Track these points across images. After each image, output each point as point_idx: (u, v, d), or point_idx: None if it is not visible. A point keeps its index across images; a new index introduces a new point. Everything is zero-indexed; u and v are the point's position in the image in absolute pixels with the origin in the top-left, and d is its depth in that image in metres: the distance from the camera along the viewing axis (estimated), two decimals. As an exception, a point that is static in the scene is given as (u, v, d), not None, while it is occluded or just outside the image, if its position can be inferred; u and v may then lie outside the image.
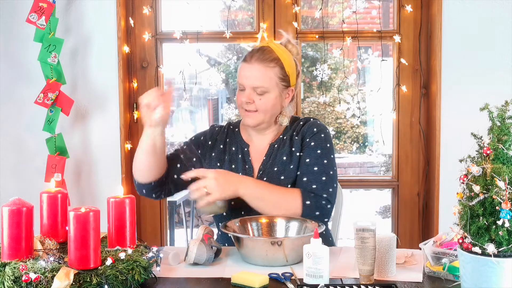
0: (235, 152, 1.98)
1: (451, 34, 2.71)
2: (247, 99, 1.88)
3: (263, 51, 1.90)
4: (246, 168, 1.94)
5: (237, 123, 2.07)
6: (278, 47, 1.93)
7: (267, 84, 1.86)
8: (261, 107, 1.88)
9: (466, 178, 1.23)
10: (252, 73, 1.87)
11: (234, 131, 2.04)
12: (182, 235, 5.25)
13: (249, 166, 1.94)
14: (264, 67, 1.86)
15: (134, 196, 1.53)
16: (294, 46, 1.98)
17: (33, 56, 2.60)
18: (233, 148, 1.99)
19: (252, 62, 1.88)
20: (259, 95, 1.87)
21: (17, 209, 1.38)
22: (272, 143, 1.96)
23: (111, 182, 2.73)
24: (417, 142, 2.88)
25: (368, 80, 6.12)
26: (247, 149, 1.98)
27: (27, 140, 2.76)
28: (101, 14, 2.73)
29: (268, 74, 1.87)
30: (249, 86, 1.87)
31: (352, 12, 2.82)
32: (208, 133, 2.04)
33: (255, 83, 1.86)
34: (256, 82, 1.86)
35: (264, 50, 1.90)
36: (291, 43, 1.98)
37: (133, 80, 2.85)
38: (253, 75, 1.87)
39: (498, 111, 1.23)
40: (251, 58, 1.89)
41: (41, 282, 1.27)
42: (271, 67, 1.87)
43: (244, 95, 1.89)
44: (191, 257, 1.58)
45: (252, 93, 1.87)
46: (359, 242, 1.45)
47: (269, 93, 1.87)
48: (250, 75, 1.87)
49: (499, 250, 1.17)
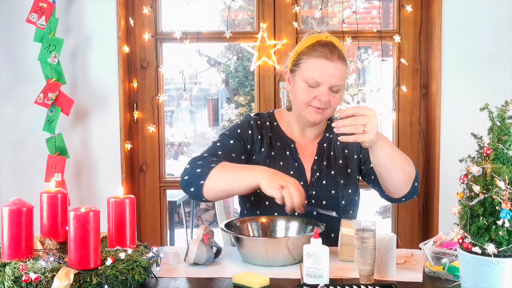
0: (282, 148, 1.91)
1: (451, 34, 2.71)
2: (327, 97, 1.79)
3: (337, 48, 1.82)
4: (296, 165, 1.88)
5: (271, 116, 1.98)
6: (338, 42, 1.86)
7: (343, 83, 1.82)
8: (335, 105, 1.82)
9: (466, 178, 1.23)
10: (336, 72, 1.79)
11: (273, 125, 1.95)
12: (182, 235, 5.25)
13: (299, 164, 1.89)
14: (344, 66, 1.81)
15: (134, 196, 1.53)
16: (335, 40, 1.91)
17: (33, 56, 2.60)
18: (278, 144, 1.91)
19: (335, 60, 1.79)
20: (334, 92, 1.80)
21: (17, 209, 1.38)
22: (320, 141, 1.92)
23: (111, 182, 2.73)
24: (417, 142, 2.88)
25: (368, 80, 6.11)
26: (294, 145, 1.92)
27: (27, 140, 2.76)
28: (101, 14, 2.73)
29: (345, 73, 1.82)
30: (331, 84, 1.79)
31: (352, 12, 2.82)
32: (254, 126, 1.91)
33: (337, 82, 1.79)
34: (338, 81, 1.80)
35: (335, 47, 1.82)
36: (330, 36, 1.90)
37: (133, 80, 2.85)
38: (337, 74, 1.79)
39: (498, 111, 1.23)
40: (332, 55, 1.79)
41: (41, 282, 1.27)
42: (346, 65, 1.83)
43: (323, 93, 1.79)
44: (191, 257, 1.58)
45: (328, 91, 1.79)
46: (359, 242, 1.45)
47: (341, 91, 1.83)
48: (334, 74, 1.79)
49: (499, 250, 1.17)
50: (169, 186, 2.96)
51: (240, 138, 1.88)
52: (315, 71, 1.79)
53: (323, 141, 1.92)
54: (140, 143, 2.89)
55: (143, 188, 2.91)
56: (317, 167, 1.89)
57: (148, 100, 2.87)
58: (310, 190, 1.85)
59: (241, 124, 1.92)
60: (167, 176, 2.97)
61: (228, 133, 1.89)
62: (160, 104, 2.88)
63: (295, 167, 1.88)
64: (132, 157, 2.88)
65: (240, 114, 6.24)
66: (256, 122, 1.92)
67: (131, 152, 2.87)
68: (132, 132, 2.87)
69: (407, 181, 1.72)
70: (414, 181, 1.75)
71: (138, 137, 2.89)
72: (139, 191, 2.90)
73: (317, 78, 1.79)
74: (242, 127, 1.91)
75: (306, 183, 1.87)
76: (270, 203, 1.84)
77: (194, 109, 6.87)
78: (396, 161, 1.68)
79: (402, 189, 1.74)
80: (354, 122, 1.56)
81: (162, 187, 2.92)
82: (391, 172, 1.70)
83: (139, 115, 2.87)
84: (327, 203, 1.85)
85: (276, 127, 1.94)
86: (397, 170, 1.69)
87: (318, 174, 1.87)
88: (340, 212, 1.85)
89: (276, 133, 1.93)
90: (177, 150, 6.29)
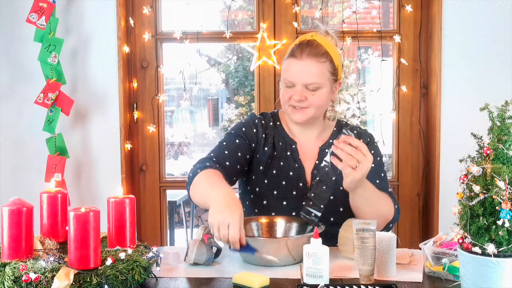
0: (283, 149, 1.90)
1: (451, 34, 2.70)
2: (300, 97, 1.78)
3: (312, 45, 1.80)
4: (296, 167, 1.88)
5: (275, 116, 1.98)
6: (324, 40, 1.83)
7: (320, 80, 1.78)
8: (314, 103, 1.80)
9: (466, 178, 1.23)
10: (304, 69, 1.78)
11: (276, 125, 1.95)
12: (182, 235, 5.25)
13: (299, 165, 1.89)
14: (316, 62, 1.78)
15: (134, 196, 1.53)
16: (334, 37, 1.88)
17: (33, 56, 2.60)
18: (280, 143, 1.91)
19: (303, 58, 1.78)
20: (312, 91, 1.79)
21: (17, 209, 1.38)
22: (322, 146, 1.91)
23: (111, 182, 2.73)
24: (417, 142, 2.88)
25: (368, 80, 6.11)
26: (295, 146, 1.91)
27: (27, 140, 2.76)
28: (101, 14, 2.73)
29: (321, 70, 1.78)
30: (302, 83, 1.78)
31: (352, 12, 2.82)
32: (259, 124, 1.92)
33: (308, 80, 1.78)
34: (310, 79, 1.78)
35: (312, 44, 1.80)
36: (330, 34, 1.88)
37: (133, 80, 2.85)
38: (306, 71, 1.78)
39: (498, 111, 1.23)
40: (301, 53, 1.79)
41: (41, 282, 1.27)
42: (322, 62, 1.79)
43: (296, 92, 1.79)
44: (191, 257, 1.58)
45: (304, 90, 1.78)
46: (359, 242, 1.45)
47: (322, 89, 1.80)
48: (302, 72, 1.78)
49: (499, 250, 1.17)
50: (169, 186, 2.96)
51: (246, 136, 1.89)
52: (287, 71, 1.82)
53: (326, 147, 1.91)
54: (140, 143, 2.89)
55: (143, 188, 2.91)
56: (317, 171, 1.88)
57: (148, 100, 2.87)
58: (309, 192, 1.85)
59: (246, 122, 1.93)
60: (167, 176, 2.97)
61: (234, 132, 1.90)
62: (160, 104, 2.88)
63: (295, 168, 1.88)
64: (132, 157, 2.88)
65: (240, 114, 6.23)
66: (261, 122, 1.93)
67: (131, 152, 2.87)
68: (132, 132, 2.87)
69: (381, 223, 1.76)
70: (390, 223, 1.80)
71: (138, 137, 2.89)
72: (139, 191, 2.90)
73: (289, 77, 1.81)
74: (247, 125, 1.91)
75: (305, 184, 1.88)
76: (268, 202, 1.86)
77: (194, 109, 6.86)
78: (374, 207, 1.73)
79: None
80: (352, 153, 1.59)
81: (162, 187, 2.92)
82: (366, 215, 1.73)
83: (139, 115, 2.86)
84: (325, 208, 1.84)
85: (279, 127, 1.95)
86: (373, 214, 1.71)
87: (318, 178, 1.87)
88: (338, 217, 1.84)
89: (279, 133, 1.93)
90: (177, 150, 6.28)
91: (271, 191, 1.87)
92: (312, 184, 1.87)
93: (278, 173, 1.88)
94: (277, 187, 1.87)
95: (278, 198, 1.86)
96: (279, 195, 1.86)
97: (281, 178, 1.87)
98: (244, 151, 1.86)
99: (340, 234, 1.67)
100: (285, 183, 1.87)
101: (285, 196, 1.86)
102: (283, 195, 1.86)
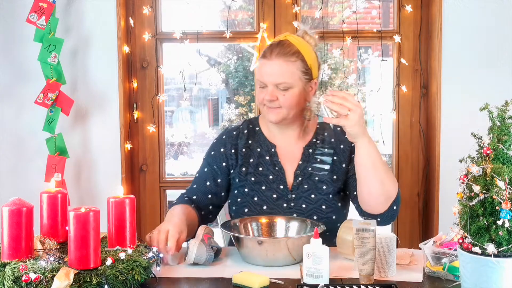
0: (261, 153, 1.91)
1: (451, 34, 2.70)
2: (271, 97, 1.79)
3: (282, 45, 1.81)
4: (276, 169, 1.88)
5: (255, 121, 1.99)
6: (296, 39, 1.84)
7: (290, 80, 1.79)
8: (285, 103, 1.80)
9: (466, 178, 1.23)
10: (273, 69, 1.79)
11: (255, 130, 1.96)
12: (182, 235, 5.24)
13: (279, 168, 1.88)
14: (285, 62, 1.78)
15: (134, 196, 1.53)
16: (312, 37, 1.89)
17: (33, 56, 2.60)
18: (258, 149, 1.92)
19: (272, 58, 1.79)
20: (282, 91, 1.79)
21: (17, 209, 1.38)
22: (306, 146, 1.90)
23: (111, 182, 2.73)
24: (417, 142, 2.88)
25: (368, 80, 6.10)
26: (274, 149, 1.91)
27: (27, 140, 2.76)
28: (101, 14, 2.73)
29: (290, 69, 1.79)
30: (272, 83, 1.79)
31: (352, 12, 2.82)
32: (227, 141, 1.94)
33: (277, 79, 1.78)
34: (279, 79, 1.78)
35: (283, 44, 1.82)
36: (308, 34, 1.88)
37: (133, 80, 2.85)
38: (275, 71, 1.79)
39: (498, 111, 1.23)
40: (271, 53, 1.80)
41: (41, 282, 1.27)
42: (292, 61, 1.79)
43: (267, 92, 1.80)
44: (191, 257, 1.58)
45: (275, 90, 1.79)
46: (359, 242, 1.45)
47: (293, 88, 1.80)
48: (271, 72, 1.79)
49: (499, 250, 1.17)
50: (169, 186, 2.96)
51: (214, 160, 1.94)
52: (258, 72, 1.85)
53: (309, 146, 1.90)
54: (140, 143, 2.89)
55: (143, 188, 2.91)
56: (300, 171, 1.87)
57: (148, 100, 2.87)
58: (290, 194, 1.85)
59: (215, 143, 1.98)
60: (167, 176, 2.97)
61: (205, 158, 1.97)
62: (160, 104, 2.87)
63: (275, 171, 1.88)
64: (132, 157, 2.88)
65: (240, 114, 6.24)
66: (230, 135, 1.96)
67: (131, 152, 2.87)
68: (132, 132, 2.87)
69: (384, 198, 1.71)
70: (394, 204, 1.73)
71: (138, 137, 2.89)
72: (139, 191, 2.90)
73: (260, 78, 1.83)
74: (215, 147, 1.96)
75: (286, 187, 1.87)
76: (249, 209, 1.87)
77: (194, 109, 6.86)
78: (377, 169, 1.68)
79: (378, 203, 1.72)
80: (342, 102, 1.59)
81: (162, 187, 2.92)
82: (368, 178, 1.69)
83: (139, 115, 2.86)
84: (306, 207, 1.84)
85: (258, 132, 1.95)
86: (376, 180, 1.68)
87: (301, 178, 1.87)
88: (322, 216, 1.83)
89: (256, 139, 1.94)
90: (177, 150, 6.28)
91: (252, 198, 1.87)
92: (293, 185, 1.87)
93: (257, 179, 1.88)
94: (257, 192, 1.87)
95: (258, 203, 1.86)
96: (259, 200, 1.86)
97: (260, 184, 1.88)
98: (214, 176, 1.92)
99: (338, 236, 1.66)
100: (265, 187, 1.87)
101: (265, 201, 1.86)
102: (263, 199, 1.86)
